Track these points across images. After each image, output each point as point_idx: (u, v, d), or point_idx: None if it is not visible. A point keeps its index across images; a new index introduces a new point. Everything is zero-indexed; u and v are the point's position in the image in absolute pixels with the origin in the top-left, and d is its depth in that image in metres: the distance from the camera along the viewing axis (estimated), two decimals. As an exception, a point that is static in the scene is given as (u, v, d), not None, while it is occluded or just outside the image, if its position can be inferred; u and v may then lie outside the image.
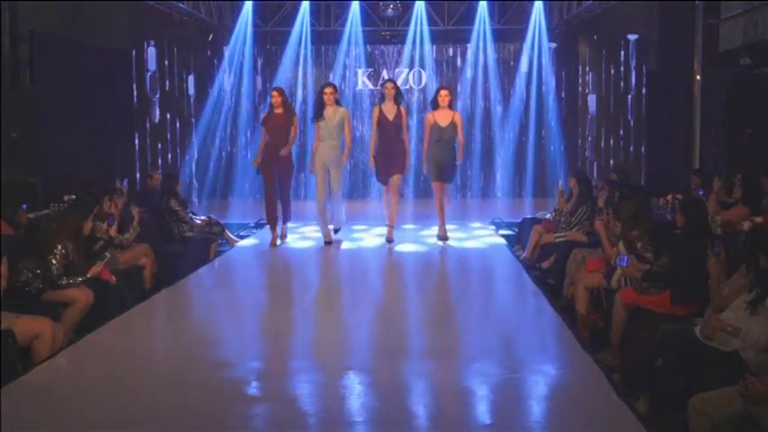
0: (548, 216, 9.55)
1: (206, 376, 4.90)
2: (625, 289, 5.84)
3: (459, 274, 8.01)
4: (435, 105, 9.62)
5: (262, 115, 10.14)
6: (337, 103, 9.50)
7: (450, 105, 9.67)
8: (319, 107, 9.48)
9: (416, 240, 9.79)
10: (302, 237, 10.15)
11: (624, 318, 5.63)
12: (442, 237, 9.65)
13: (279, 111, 9.53)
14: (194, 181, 14.26)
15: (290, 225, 9.91)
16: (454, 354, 5.47)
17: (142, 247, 7.68)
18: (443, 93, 9.66)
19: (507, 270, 8.34)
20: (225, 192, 14.15)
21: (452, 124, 9.52)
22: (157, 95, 13.14)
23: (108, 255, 7.08)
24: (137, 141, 12.54)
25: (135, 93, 12.53)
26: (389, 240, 9.49)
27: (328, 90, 9.50)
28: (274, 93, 9.75)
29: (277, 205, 9.64)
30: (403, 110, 9.53)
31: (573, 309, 6.47)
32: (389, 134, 9.42)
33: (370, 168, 10.09)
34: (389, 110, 9.47)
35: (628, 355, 5.32)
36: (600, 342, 5.84)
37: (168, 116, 13.44)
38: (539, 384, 4.72)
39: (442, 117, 9.55)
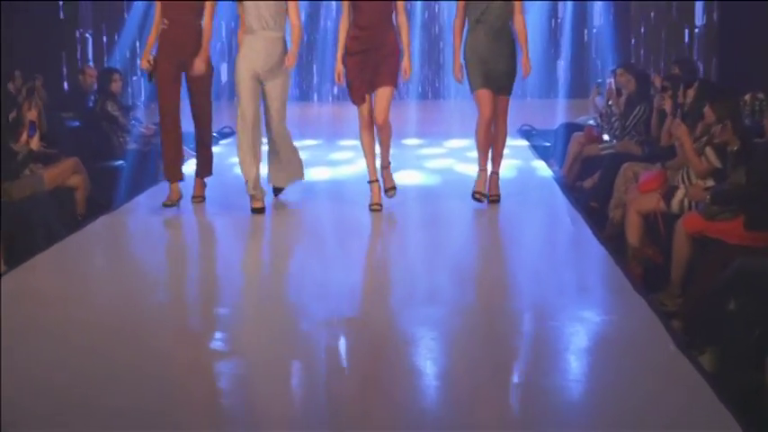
0: (590, 122, 9.51)
1: (156, 324, 4.92)
2: (689, 214, 5.83)
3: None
4: None
5: None
6: None
7: None
8: None
9: (421, 160, 9.72)
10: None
11: (688, 250, 5.63)
12: (493, 196, 7.60)
13: None
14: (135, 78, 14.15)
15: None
16: (474, 297, 5.49)
17: (70, 163, 7.66)
18: None
19: (539, 191, 8.35)
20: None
21: None
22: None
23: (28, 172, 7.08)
24: (63, 26, 12.40)
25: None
26: (376, 207, 7.40)
27: None
28: None
29: (181, 139, 7.81)
30: None
31: (622, 239, 6.47)
32: (371, 15, 7.11)
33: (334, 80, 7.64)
34: None
35: (691, 297, 5.34)
36: (656, 281, 5.87)
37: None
38: (578, 335, 4.74)
39: None
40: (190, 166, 9.23)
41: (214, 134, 10.56)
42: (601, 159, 8.11)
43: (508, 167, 9.24)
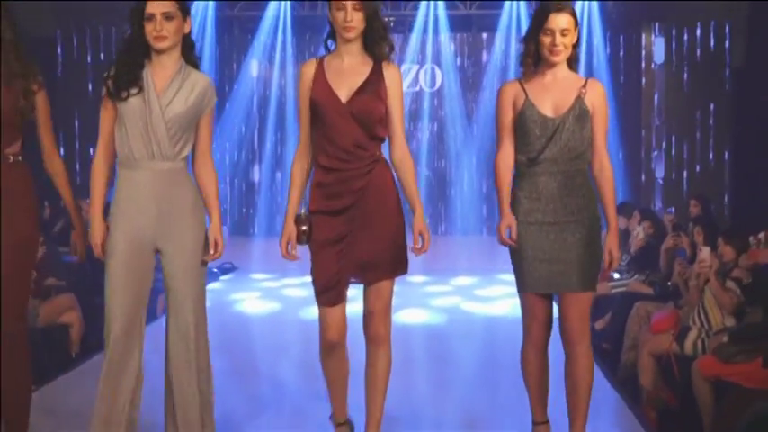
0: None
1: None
2: (704, 357, 5.84)
3: (487, 340, 7.98)
4: (534, 59, 4.65)
5: None
6: (188, 60, 4.57)
7: (576, 62, 4.70)
8: (130, 62, 4.46)
9: (427, 298, 9.75)
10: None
11: (709, 394, 5.60)
12: None
13: None
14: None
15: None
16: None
17: (66, 299, 7.69)
18: (558, 19, 4.50)
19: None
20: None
21: (582, 112, 4.59)
22: (90, 94, 13.31)
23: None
24: (62, 152, 12.61)
25: (60, 91, 12.66)
26: None
27: (157, 6, 4.37)
28: None
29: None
30: (391, 70, 4.60)
31: (636, 382, 6.46)
32: (348, 144, 4.49)
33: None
34: (347, 71, 4.56)
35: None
36: (672, 426, 5.82)
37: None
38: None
39: (552, 92, 4.64)
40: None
41: (214, 269, 10.64)
42: (612, 299, 8.15)
43: (511, 306, 9.26)
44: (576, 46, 4.60)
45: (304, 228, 4.53)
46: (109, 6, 12.78)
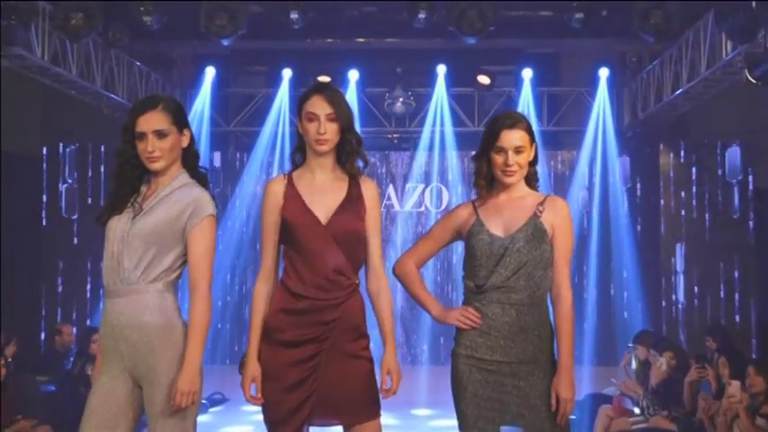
0: (618, 393, 9.37)
1: None
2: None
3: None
4: (488, 179, 4.38)
5: None
6: (192, 174, 4.27)
7: (534, 180, 4.44)
8: (118, 191, 4.21)
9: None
10: None
11: None
12: None
13: None
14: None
15: None
16: None
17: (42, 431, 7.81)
18: (511, 136, 4.27)
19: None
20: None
21: (536, 233, 4.30)
22: (76, 216, 13.34)
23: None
24: (44, 281, 12.55)
25: (44, 211, 12.85)
26: None
27: (149, 123, 4.12)
28: None
29: None
30: (369, 187, 4.35)
31: None
32: (326, 268, 4.18)
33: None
34: (322, 187, 4.28)
35: None
36: None
37: (89, 246, 13.45)
38: None
39: (505, 211, 4.36)
40: None
41: (203, 401, 10.31)
42: (633, 435, 8.01)
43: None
44: (533, 164, 4.35)
45: (262, 358, 4.23)
46: (97, 121, 12.77)
